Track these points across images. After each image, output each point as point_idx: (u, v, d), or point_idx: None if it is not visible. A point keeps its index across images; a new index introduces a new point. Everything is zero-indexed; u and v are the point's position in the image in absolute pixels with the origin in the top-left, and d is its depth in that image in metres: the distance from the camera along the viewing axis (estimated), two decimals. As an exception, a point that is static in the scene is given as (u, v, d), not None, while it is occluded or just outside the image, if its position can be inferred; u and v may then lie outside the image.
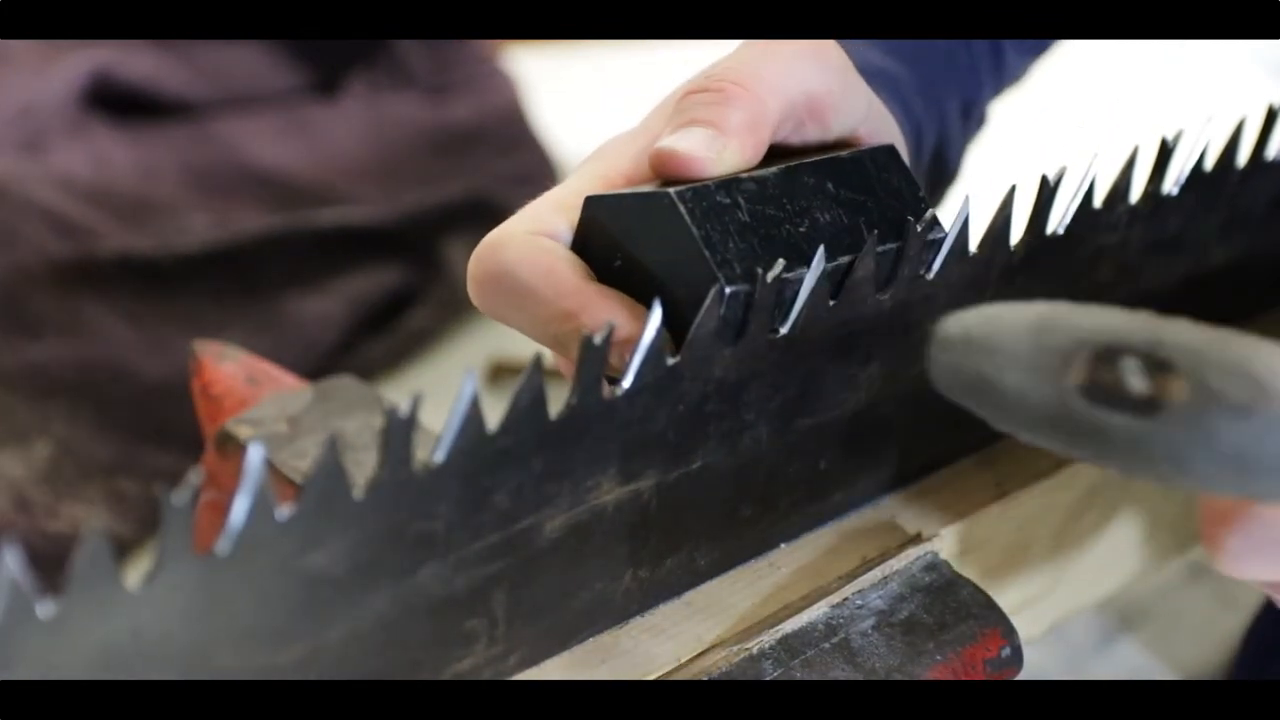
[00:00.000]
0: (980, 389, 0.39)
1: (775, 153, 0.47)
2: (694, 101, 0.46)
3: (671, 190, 0.44)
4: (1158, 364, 0.36)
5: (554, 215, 0.46)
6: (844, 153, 0.48)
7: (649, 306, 0.41)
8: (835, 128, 0.49)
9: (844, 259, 0.45)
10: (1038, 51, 0.72)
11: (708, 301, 0.41)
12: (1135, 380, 0.37)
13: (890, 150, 0.49)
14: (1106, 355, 0.37)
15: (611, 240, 0.45)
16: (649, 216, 0.44)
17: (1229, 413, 0.36)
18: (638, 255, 0.45)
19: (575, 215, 0.46)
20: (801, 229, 0.45)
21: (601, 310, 0.43)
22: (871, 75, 0.51)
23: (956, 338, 0.40)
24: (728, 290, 0.42)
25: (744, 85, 0.46)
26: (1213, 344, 0.37)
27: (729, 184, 0.45)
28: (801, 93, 0.48)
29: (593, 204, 0.46)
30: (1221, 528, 0.40)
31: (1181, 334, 0.37)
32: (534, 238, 0.46)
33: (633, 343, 0.41)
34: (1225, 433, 0.36)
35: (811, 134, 0.49)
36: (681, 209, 0.43)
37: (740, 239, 0.44)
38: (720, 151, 0.45)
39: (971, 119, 0.68)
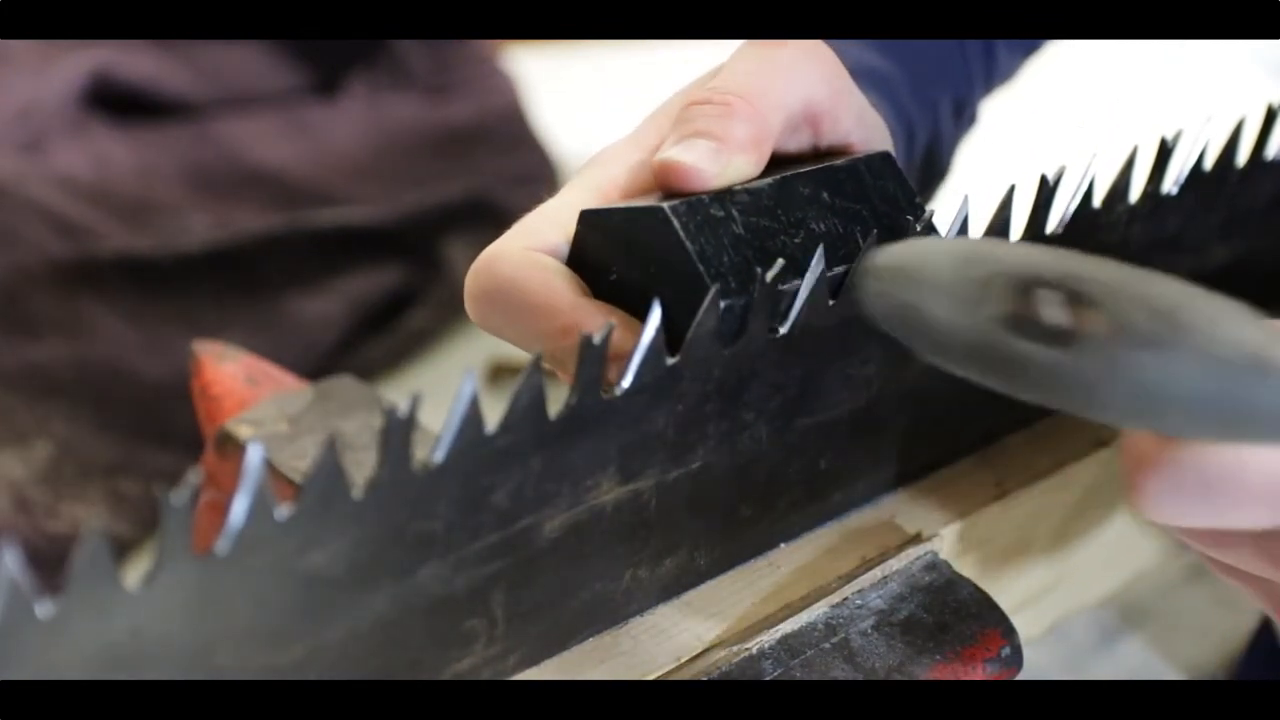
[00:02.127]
0: (907, 318, 0.40)
1: (769, 161, 0.47)
2: (697, 113, 0.46)
3: (665, 204, 0.44)
4: (1075, 297, 0.37)
5: (550, 229, 0.46)
6: (839, 161, 0.48)
7: (644, 321, 0.41)
8: (829, 136, 0.49)
9: (840, 269, 0.45)
10: (1029, 50, 0.72)
11: (706, 301, 0.41)
12: (1053, 312, 0.37)
13: (885, 157, 0.49)
14: (1026, 287, 0.38)
15: (606, 254, 0.45)
16: (642, 230, 0.44)
17: (1141, 346, 0.37)
18: (632, 269, 0.45)
19: (571, 229, 0.46)
20: (797, 240, 0.45)
21: (597, 326, 0.43)
22: (864, 75, 0.51)
23: (886, 267, 0.40)
24: (722, 305, 0.42)
25: (748, 99, 0.46)
26: (1129, 280, 0.37)
27: (723, 196, 0.45)
28: (801, 103, 0.48)
29: (587, 218, 0.46)
30: (1141, 470, 0.40)
31: (1099, 269, 0.38)
32: (530, 253, 0.45)
33: (628, 357, 0.41)
34: (1137, 366, 0.37)
35: (805, 142, 0.49)
36: (675, 223, 0.43)
37: (735, 252, 0.44)
38: (724, 166, 0.45)
39: (963, 117, 0.68)
